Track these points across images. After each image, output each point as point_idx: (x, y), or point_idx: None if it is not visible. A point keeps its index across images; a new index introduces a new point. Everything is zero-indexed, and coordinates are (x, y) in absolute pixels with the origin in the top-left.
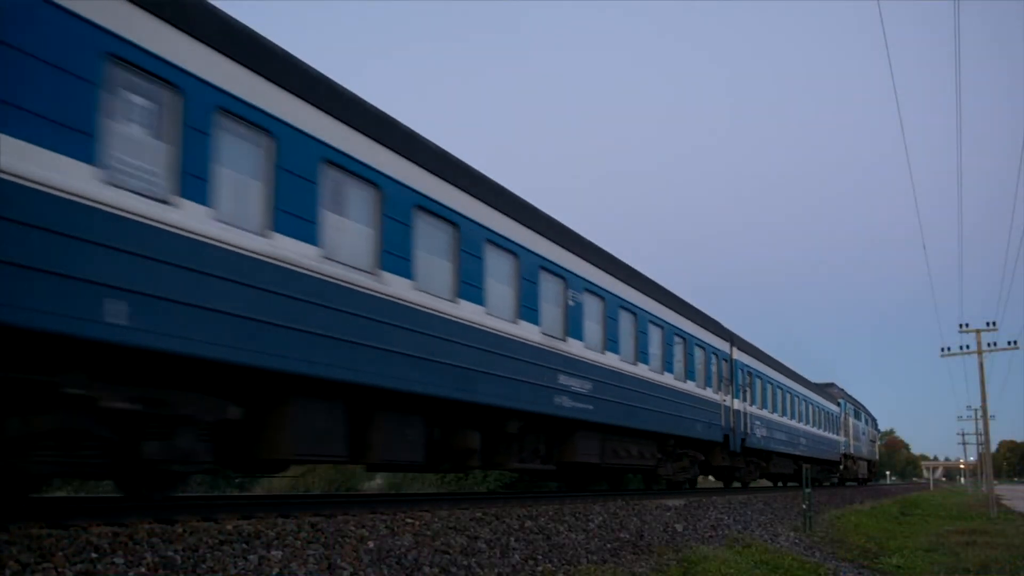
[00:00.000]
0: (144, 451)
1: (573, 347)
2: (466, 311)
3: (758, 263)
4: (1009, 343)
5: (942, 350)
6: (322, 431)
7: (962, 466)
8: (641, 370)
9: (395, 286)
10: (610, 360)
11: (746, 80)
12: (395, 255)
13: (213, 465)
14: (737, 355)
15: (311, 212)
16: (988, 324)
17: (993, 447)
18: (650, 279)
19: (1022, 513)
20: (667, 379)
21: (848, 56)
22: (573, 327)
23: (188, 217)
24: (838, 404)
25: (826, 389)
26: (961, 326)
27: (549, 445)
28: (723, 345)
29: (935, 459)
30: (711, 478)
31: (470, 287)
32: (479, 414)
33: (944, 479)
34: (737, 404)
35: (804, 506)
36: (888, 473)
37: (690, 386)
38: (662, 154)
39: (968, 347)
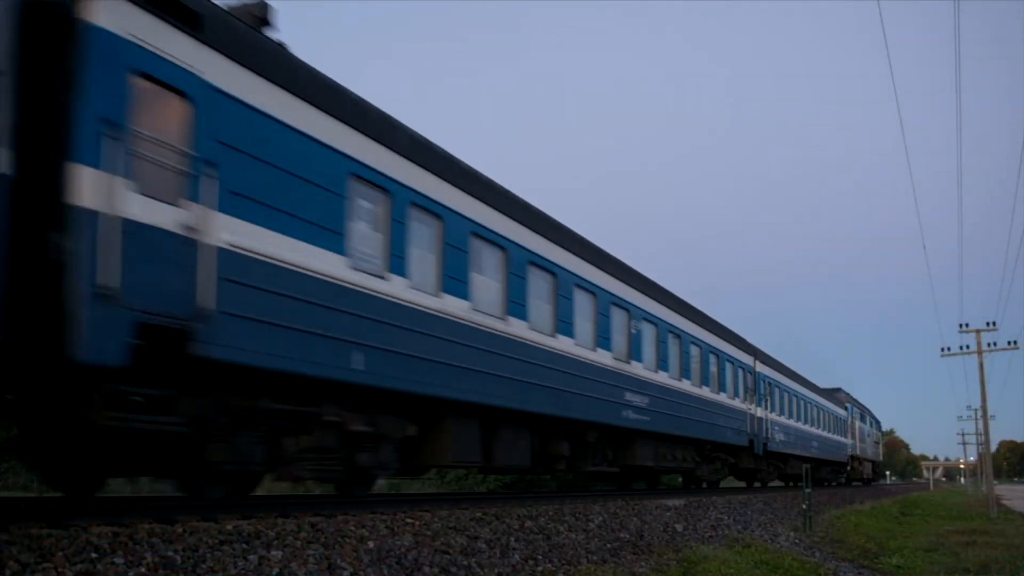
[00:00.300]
0: (359, 460)
1: (635, 368)
2: (562, 343)
3: (758, 263)
4: (1009, 343)
5: (942, 350)
6: (467, 442)
7: (962, 466)
8: (684, 385)
9: (516, 327)
10: (662, 378)
11: (746, 80)
12: (516, 302)
13: (399, 469)
14: (760, 368)
15: (464, 274)
16: (988, 324)
17: (993, 447)
18: (691, 305)
19: (1022, 513)
20: (704, 392)
21: (848, 56)
22: (635, 351)
23: (395, 287)
24: (845, 408)
25: (834, 394)
26: (961, 326)
27: (615, 451)
28: (748, 359)
29: (935, 459)
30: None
31: (564, 323)
32: (568, 427)
33: (944, 479)
34: (760, 412)
35: (804, 506)
36: (888, 473)
37: (722, 397)
38: (661, 154)
39: (968, 347)
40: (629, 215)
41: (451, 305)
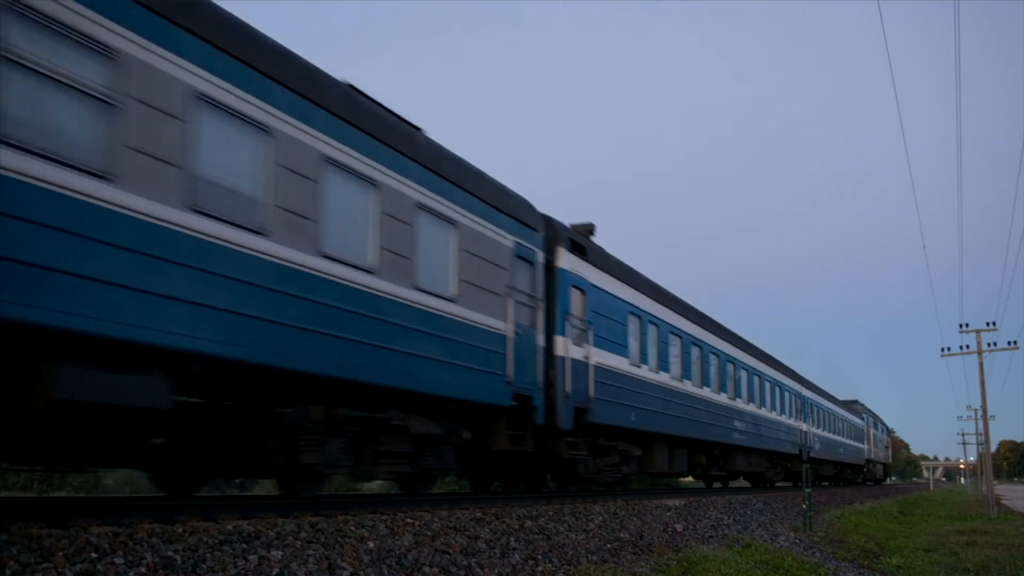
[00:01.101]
0: (623, 470)
1: (738, 403)
2: (704, 392)
3: (758, 262)
4: (1009, 343)
5: (942, 350)
6: (662, 458)
7: (962, 466)
8: (763, 412)
9: (686, 385)
10: (751, 408)
11: (746, 82)
12: (686, 369)
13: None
14: (805, 392)
15: (667, 357)
16: (988, 324)
17: (993, 447)
18: (768, 353)
19: (1022, 513)
20: (774, 416)
21: (848, 57)
22: (738, 391)
23: (642, 371)
24: (862, 418)
25: (852, 406)
26: (961, 326)
27: (725, 460)
28: (797, 386)
29: (935, 459)
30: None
31: (706, 378)
32: (705, 446)
33: (944, 479)
34: (805, 427)
35: (804, 506)
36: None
37: (783, 418)
38: (658, 157)
39: (968, 347)
40: (627, 215)
41: (662, 377)
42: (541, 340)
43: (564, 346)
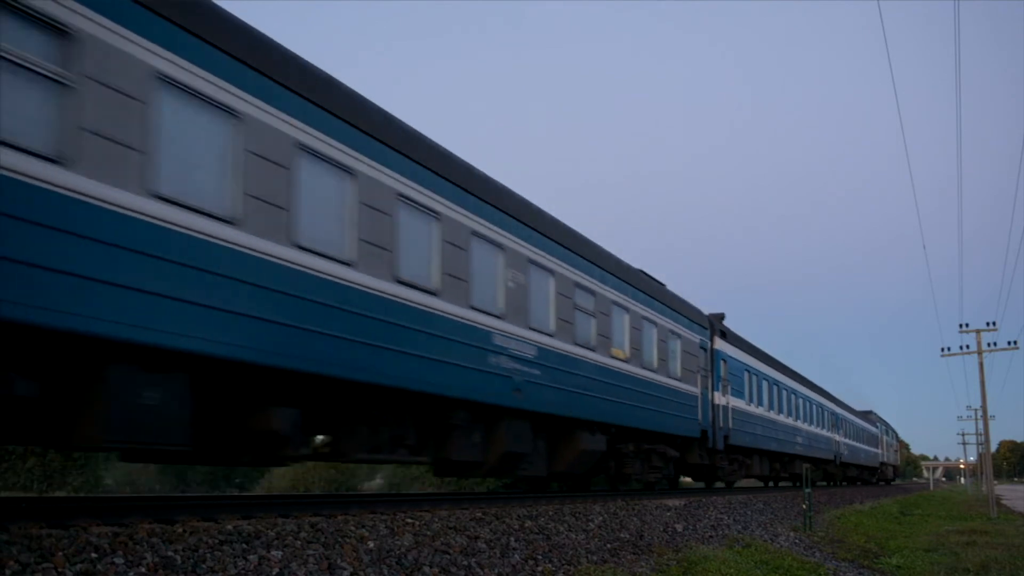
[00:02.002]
0: (739, 474)
1: (798, 423)
2: (780, 418)
3: (758, 263)
4: (1009, 343)
5: (942, 350)
6: (758, 465)
7: (962, 466)
8: (812, 428)
9: (772, 415)
10: (805, 426)
11: (746, 83)
12: (771, 403)
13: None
14: (838, 410)
15: (761, 397)
16: (988, 324)
17: (993, 447)
18: (812, 381)
19: (1022, 513)
20: (816, 429)
21: (848, 57)
22: (798, 414)
23: (752, 407)
24: (876, 426)
25: (868, 416)
26: (961, 326)
27: (791, 464)
28: (832, 405)
29: (935, 459)
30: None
31: (781, 407)
32: (780, 455)
33: (944, 479)
34: (837, 437)
35: (804, 506)
36: None
37: (823, 431)
38: (658, 159)
39: (968, 347)
40: (627, 215)
41: (760, 411)
42: (710, 396)
43: (718, 398)
